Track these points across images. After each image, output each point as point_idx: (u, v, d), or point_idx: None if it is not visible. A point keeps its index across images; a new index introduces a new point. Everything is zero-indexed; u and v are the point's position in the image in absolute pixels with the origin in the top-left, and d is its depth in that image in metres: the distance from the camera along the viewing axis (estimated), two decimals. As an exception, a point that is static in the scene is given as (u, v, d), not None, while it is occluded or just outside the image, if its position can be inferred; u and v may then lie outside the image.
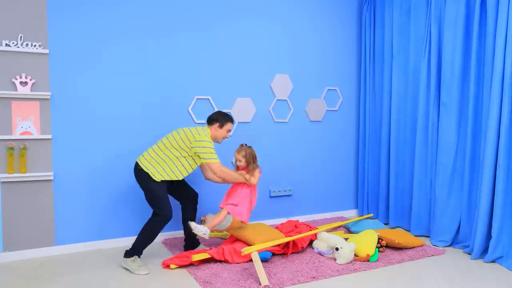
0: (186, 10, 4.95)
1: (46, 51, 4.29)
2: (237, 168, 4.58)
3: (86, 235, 4.58)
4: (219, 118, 4.35)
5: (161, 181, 4.10)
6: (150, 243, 4.12)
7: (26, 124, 4.26)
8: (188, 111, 5.01)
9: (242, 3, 5.26)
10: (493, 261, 4.26)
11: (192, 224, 4.13)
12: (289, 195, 5.73)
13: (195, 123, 5.04)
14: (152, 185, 4.08)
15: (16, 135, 4.23)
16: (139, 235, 4.07)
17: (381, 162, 5.72)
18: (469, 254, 4.48)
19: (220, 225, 4.40)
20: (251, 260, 3.98)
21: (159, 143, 4.21)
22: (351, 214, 6.18)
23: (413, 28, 5.23)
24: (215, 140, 4.37)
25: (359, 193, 6.15)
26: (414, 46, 5.23)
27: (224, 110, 5.16)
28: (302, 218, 5.73)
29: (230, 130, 4.43)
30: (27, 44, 4.22)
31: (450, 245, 4.78)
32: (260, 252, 4.07)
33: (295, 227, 4.82)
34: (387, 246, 4.62)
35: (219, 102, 5.18)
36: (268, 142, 5.53)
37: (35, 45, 4.25)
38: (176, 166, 4.16)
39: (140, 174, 4.11)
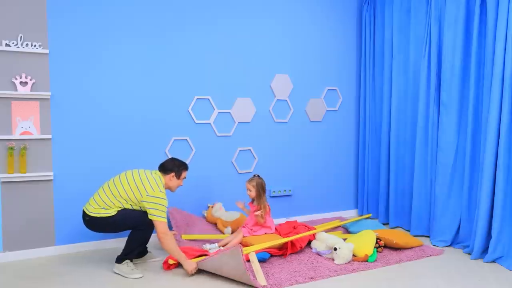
0: (186, 10, 4.96)
1: (46, 51, 4.30)
2: (250, 205, 4.68)
3: (86, 235, 4.57)
4: (175, 169, 4.12)
5: (117, 212, 3.88)
6: (140, 248, 4.12)
7: (26, 124, 4.26)
8: (188, 111, 5.01)
9: (242, 3, 5.27)
10: (493, 261, 4.25)
11: (207, 246, 4.35)
12: (289, 195, 5.73)
13: (195, 123, 5.04)
14: (111, 220, 3.86)
15: (16, 135, 4.23)
16: (127, 243, 3.95)
17: (381, 162, 5.72)
18: (469, 254, 4.48)
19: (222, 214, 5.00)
20: (248, 261, 3.97)
21: (106, 188, 3.93)
22: (351, 214, 6.17)
23: (413, 28, 5.23)
24: (169, 189, 4.18)
25: (359, 193, 6.15)
26: (414, 46, 5.23)
27: (225, 110, 5.19)
28: (302, 218, 5.73)
29: (185, 178, 4.27)
30: (27, 44, 4.22)
31: (450, 245, 4.77)
32: (258, 253, 4.07)
33: (294, 228, 4.79)
34: (385, 246, 4.60)
35: (219, 102, 5.18)
36: (268, 142, 5.53)
37: (35, 45, 4.25)
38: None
39: (92, 221, 3.88)
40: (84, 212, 3.92)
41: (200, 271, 3.94)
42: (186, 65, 4.99)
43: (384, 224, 5.72)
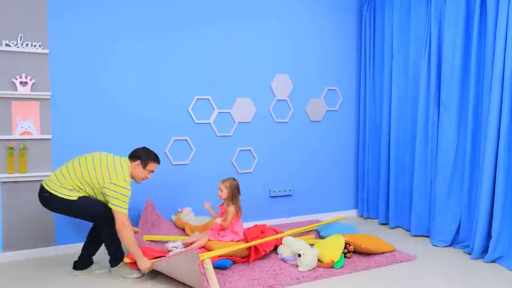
0: (186, 10, 4.96)
1: (46, 51, 4.30)
2: (220, 207, 4.48)
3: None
4: (142, 156, 3.89)
5: (79, 197, 3.71)
6: (121, 244, 3.88)
7: (26, 124, 4.27)
8: (188, 111, 5.01)
9: (242, 3, 5.27)
10: (493, 261, 4.24)
11: (169, 245, 4.23)
12: (289, 195, 5.72)
13: (195, 123, 5.05)
14: (72, 204, 3.68)
15: (16, 135, 4.23)
16: (106, 245, 3.84)
17: (381, 162, 5.72)
18: (469, 254, 4.47)
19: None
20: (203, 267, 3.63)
21: (70, 166, 3.75)
22: (351, 214, 6.19)
23: (413, 28, 5.23)
24: (134, 179, 3.94)
25: (359, 193, 6.15)
26: (414, 46, 5.23)
27: (225, 110, 5.18)
28: (302, 218, 5.75)
29: (152, 171, 4.00)
30: (27, 44, 4.22)
31: (450, 245, 4.77)
32: (219, 260, 3.95)
33: (262, 232, 4.56)
34: (355, 252, 4.40)
35: (219, 102, 5.18)
36: (268, 142, 5.53)
37: (35, 45, 4.26)
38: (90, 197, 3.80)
39: (51, 199, 3.69)
40: (42, 187, 3.74)
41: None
42: (186, 65, 5.00)
43: (383, 224, 5.73)
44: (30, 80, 4.25)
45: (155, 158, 3.98)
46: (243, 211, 4.91)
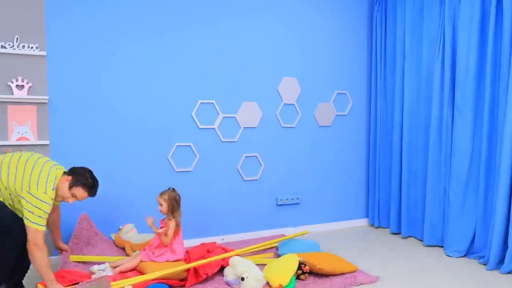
0: (190, 11, 4.85)
1: (44, 53, 4.21)
2: (161, 222, 4.09)
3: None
4: (78, 175, 3.41)
5: None
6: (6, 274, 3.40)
7: (22, 129, 4.17)
8: (192, 115, 4.89)
9: (248, 4, 5.14)
10: (510, 272, 4.09)
11: (94, 268, 3.76)
12: (297, 203, 5.56)
13: (199, 128, 4.92)
14: None
15: (12, 141, 4.14)
16: None
17: (393, 168, 5.55)
18: (485, 264, 4.32)
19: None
20: None
21: None
22: (361, 223, 6.01)
23: (426, 28, 5.07)
24: (56, 193, 3.36)
25: (369, 201, 5.96)
26: (427, 46, 5.07)
27: (230, 115, 5.06)
28: (310, 228, 5.58)
29: (76, 197, 3.43)
30: (23, 46, 4.14)
31: (464, 255, 4.60)
32: (152, 284, 3.55)
33: (208, 252, 4.14)
34: (311, 273, 3.98)
35: (223, 106, 5.05)
36: (275, 148, 5.38)
37: (32, 47, 4.17)
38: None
39: None
40: None
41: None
42: (190, 68, 4.88)
43: (395, 233, 5.54)
44: (27, 83, 4.16)
45: (88, 187, 3.46)
46: (248, 220, 4.78)
